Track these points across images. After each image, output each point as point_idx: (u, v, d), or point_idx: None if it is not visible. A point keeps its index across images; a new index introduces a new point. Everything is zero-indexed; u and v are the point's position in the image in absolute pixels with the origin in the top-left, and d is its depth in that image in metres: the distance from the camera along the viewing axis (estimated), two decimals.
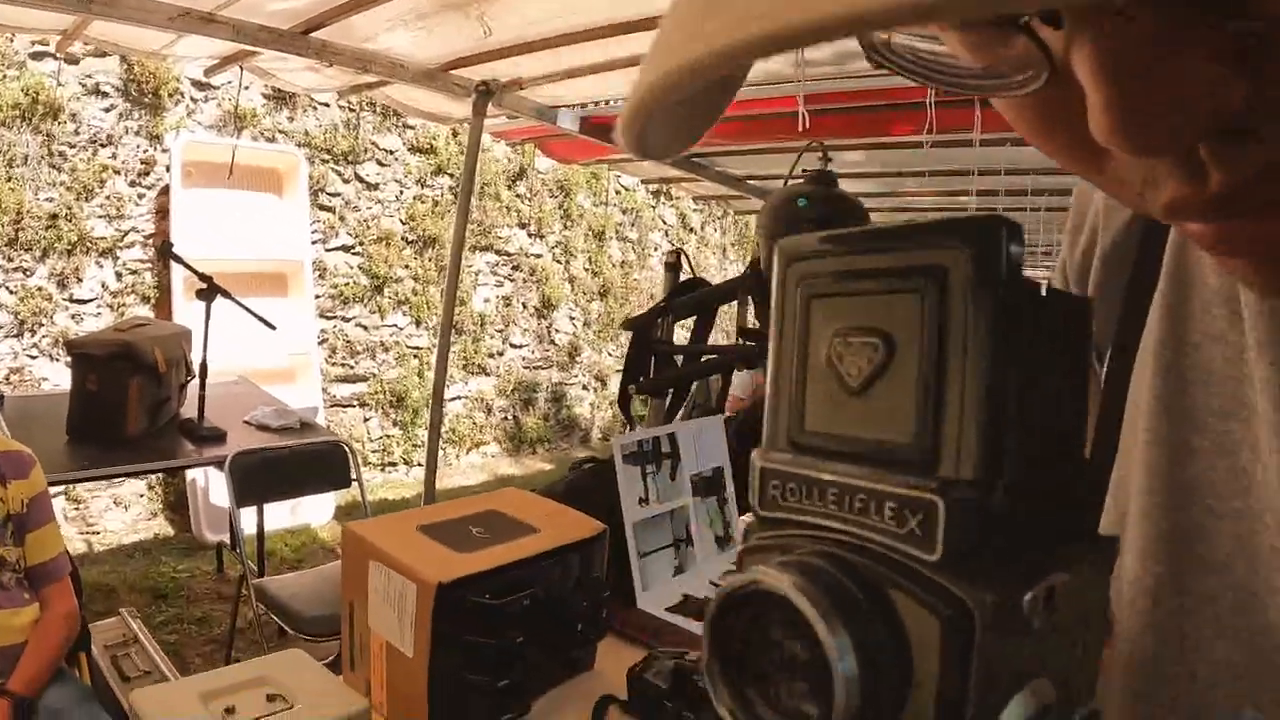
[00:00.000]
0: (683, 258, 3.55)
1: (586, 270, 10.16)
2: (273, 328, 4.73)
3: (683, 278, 3.49)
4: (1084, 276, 0.82)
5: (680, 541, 2.56)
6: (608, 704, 2.05)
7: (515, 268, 9.49)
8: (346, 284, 8.09)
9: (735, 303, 3.42)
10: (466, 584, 1.74)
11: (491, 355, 9.33)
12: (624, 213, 10.49)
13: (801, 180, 2.87)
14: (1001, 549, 0.34)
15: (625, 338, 3.40)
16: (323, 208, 7.90)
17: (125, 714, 2.63)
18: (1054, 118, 0.43)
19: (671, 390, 3.23)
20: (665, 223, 10.80)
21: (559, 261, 9.88)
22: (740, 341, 3.02)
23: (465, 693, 1.83)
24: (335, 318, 8.06)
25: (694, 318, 3.16)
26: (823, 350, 0.38)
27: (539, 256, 9.71)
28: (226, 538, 5.91)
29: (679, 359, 3.17)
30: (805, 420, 0.39)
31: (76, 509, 6.64)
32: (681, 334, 3.27)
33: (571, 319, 10.04)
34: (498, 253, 9.33)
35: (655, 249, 10.64)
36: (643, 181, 9.43)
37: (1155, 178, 0.42)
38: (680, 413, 3.22)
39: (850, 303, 0.37)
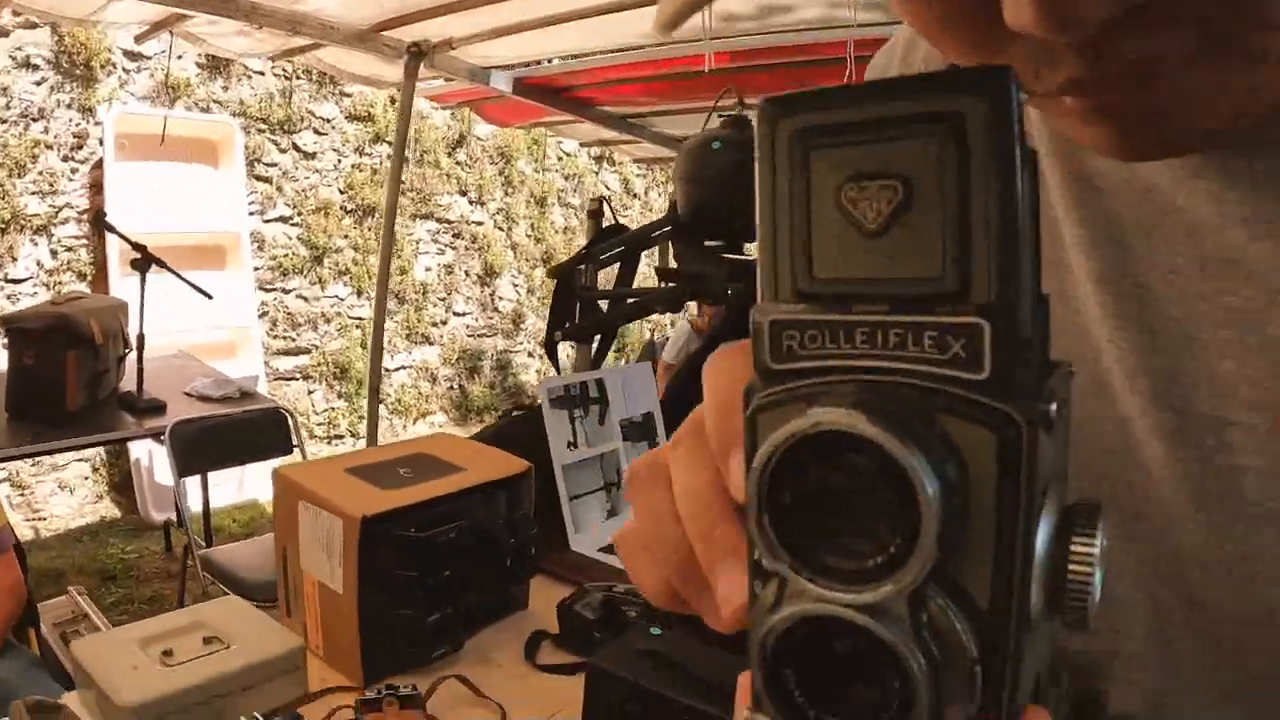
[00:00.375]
0: (605, 205, 3.65)
1: (529, 237, 10.20)
2: (209, 297, 4.78)
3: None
4: None
5: (611, 485, 2.66)
6: (540, 639, 2.16)
7: (457, 235, 9.53)
8: (285, 255, 8.11)
9: (657, 249, 3.51)
10: (391, 518, 1.84)
11: (435, 324, 9.37)
12: (566, 178, 10.52)
13: (718, 125, 2.98)
14: (1027, 367, 0.37)
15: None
16: (259, 178, 7.92)
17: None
18: (959, 14, 0.53)
19: (598, 336, 3.34)
20: (609, 188, 10.84)
21: (501, 229, 9.93)
22: (662, 284, 3.11)
23: (396, 629, 1.93)
24: (275, 290, 8.08)
25: (618, 264, 3.28)
26: (828, 199, 0.39)
27: (480, 224, 9.75)
28: (174, 516, 5.97)
29: (604, 304, 3.27)
30: (814, 268, 0.40)
31: (21, 495, 6.68)
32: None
33: (515, 286, 10.08)
34: (438, 220, 9.37)
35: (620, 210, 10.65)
36: (582, 145, 9.50)
37: (1054, 60, 0.51)
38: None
39: (860, 151, 0.38)
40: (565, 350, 4.10)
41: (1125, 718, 0.82)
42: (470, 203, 9.65)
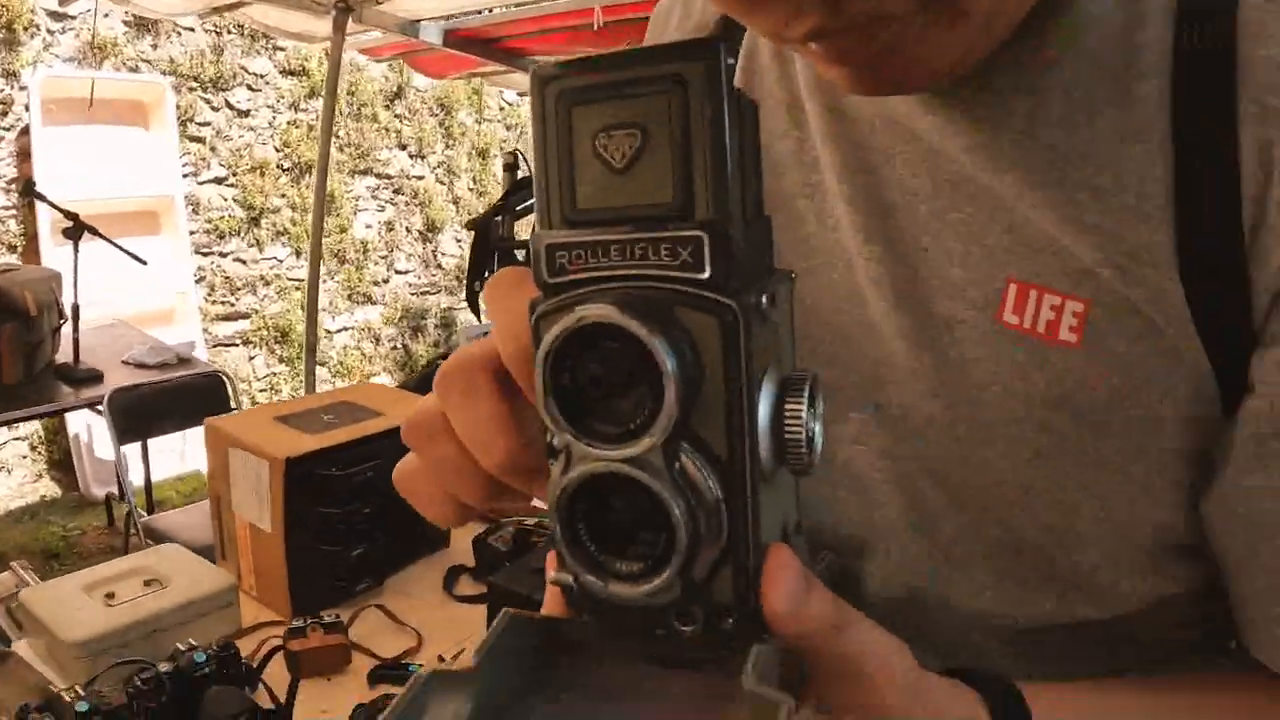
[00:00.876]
0: (519, 158, 3.83)
1: (471, 190, 10.22)
2: (143, 262, 4.89)
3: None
4: None
5: None
6: (458, 573, 2.39)
7: (397, 191, 9.54)
8: (221, 218, 8.11)
9: None
10: (314, 458, 2.07)
11: (376, 283, 9.38)
12: (508, 129, 10.49)
13: None
14: (741, 271, 0.47)
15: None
16: (193, 139, 7.90)
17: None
18: None
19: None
20: None
21: (442, 183, 9.96)
22: None
23: (321, 565, 2.15)
24: (212, 254, 8.09)
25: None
26: (586, 146, 0.48)
27: (421, 178, 9.77)
28: (115, 490, 6.04)
29: (520, 254, 3.45)
30: (577, 200, 0.49)
31: None
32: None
33: (458, 241, 10.08)
34: (378, 176, 9.37)
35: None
36: (521, 95, 9.51)
37: (801, 12, 0.64)
38: None
39: (609, 106, 0.48)
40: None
41: (885, 594, 0.94)
42: (410, 157, 9.66)
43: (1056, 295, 0.78)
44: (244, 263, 8.32)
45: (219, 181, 8.13)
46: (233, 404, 4.89)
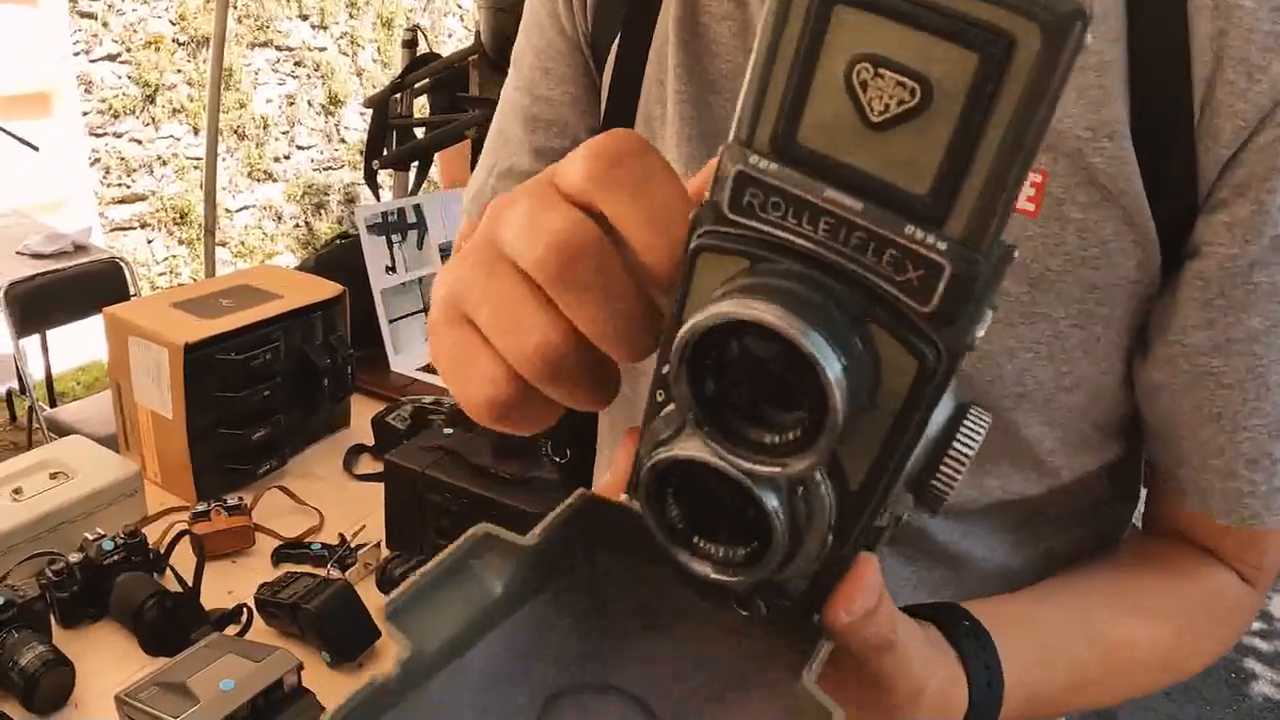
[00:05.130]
0: (419, 34, 3.89)
1: (376, 62, 10.05)
2: (35, 148, 4.90)
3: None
4: None
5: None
6: (359, 452, 2.51)
7: (298, 63, 9.37)
8: (115, 97, 7.97)
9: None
10: (212, 343, 2.19)
11: (277, 159, 9.26)
12: None
13: None
14: (967, 305, 0.39)
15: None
16: (83, 14, 7.70)
17: None
18: None
19: (416, 163, 3.61)
20: (461, 7, 10.70)
21: (345, 54, 9.77)
22: (471, 111, 3.36)
23: (223, 449, 2.26)
24: (106, 134, 7.97)
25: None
26: (838, 69, 0.38)
27: (323, 50, 9.58)
28: (15, 385, 6.05)
29: (419, 132, 3.53)
30: (799, 131, 0.39)
31: None
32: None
33: (362, 115, 9.78)
34: (278, 48, 9.18)
35: (450, 35, 10.53)
36: None
37: None
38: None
39: (891, 29, 0.36)
40: (385, 178, 4.35)
41: None
42: (312, 27, 9.45)
43: None
44: (140, 143, 8.19)
45: (112, 59, 7.94)
46: (132, 290, 4.91)
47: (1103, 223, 0.84)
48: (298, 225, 9.46)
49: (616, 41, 1.06)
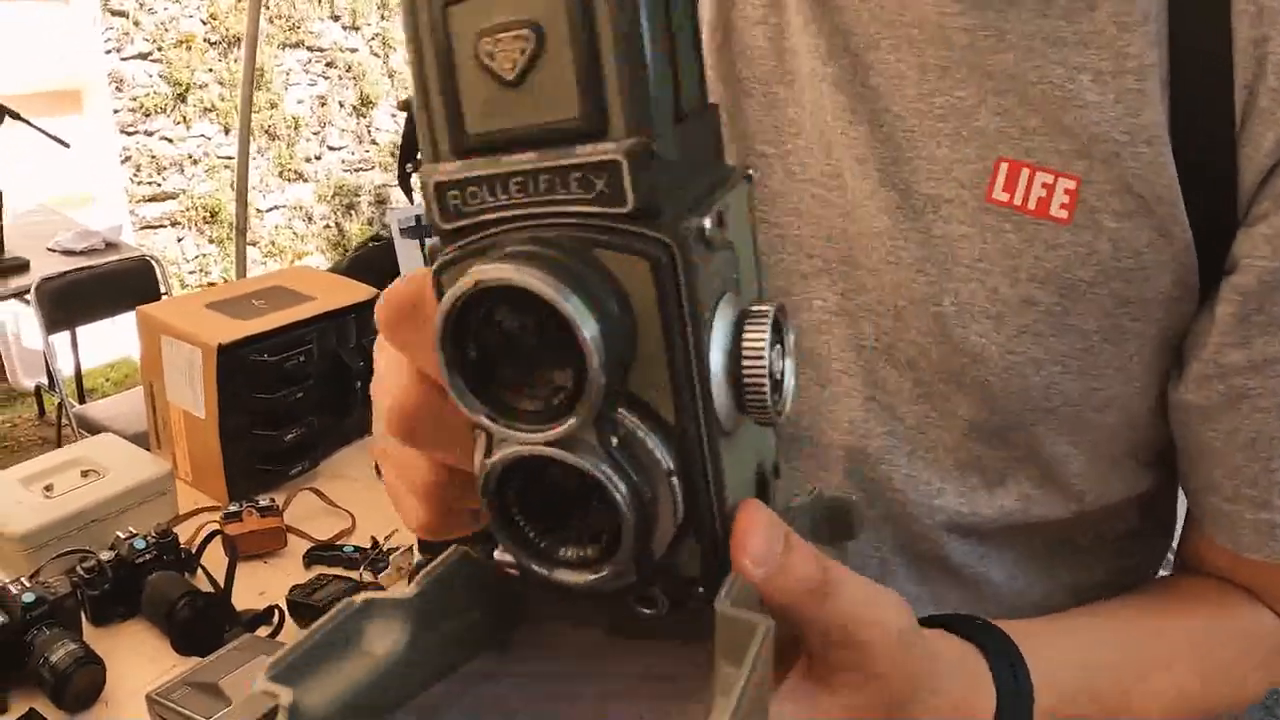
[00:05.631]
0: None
1: (408, 63, 9.85)
2: (66, 145, 4.90)
3: None
4: None
5: None
6: None
7: (330, 64, 9.38)
8: (147, 95, 8.01)
9: None
10: (245, 344, 2.19)
11: (308, 160, 9.26)
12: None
13: None
14: (676, 193, 0.41)
15: None
16: (115, 12, 7.75)
17: None
18: None
19: None
20: None
21: (377, 55, 9.78)
22: None
23: (255, 449, 2.26)
24: (137, 132, 8.00)
25: None
26: (469, 53, 0.41)
27: (355, 51, 9.59)
28: (45, 380, 6.08)
29: None
30: (465, 122, 0.42)
31: None
32: None
33: (393, 117, 9.88)
34: (310, 49, 9.20)
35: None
36: None
37: None
38: None
39: (491, 2, 0.40)
40: (418, 181, 4.31)
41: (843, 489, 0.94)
42: (344, 28, 9.46)
43: (1049, 173, 0.82)
44: (171, 141, 8.23)
45: (143, 57, 7.99)
46: (163, 288, 4.94)
47: (1138, 233, 0.82)
48: (328, 226, 9.46)
49: None
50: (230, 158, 8.29)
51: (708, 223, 0.42)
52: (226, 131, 8.48)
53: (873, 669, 0.54)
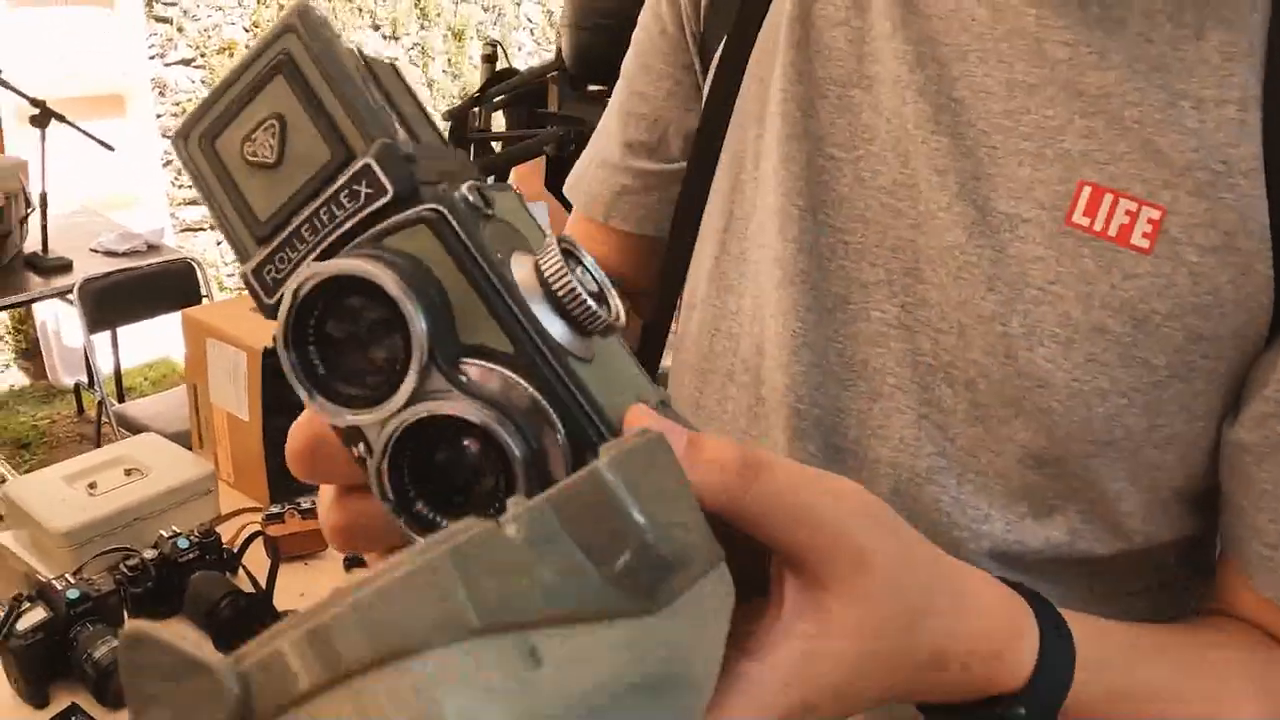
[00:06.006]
0: (499, 49, 3.92)
1: (446, 73, 10.05)
2: (110, 149, 4.90)
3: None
4: None
5: None
6: None
7: None
8: (189, 100, 7.99)
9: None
10: None
11: None
12: (486, 10, 10.30)
13: None
14: (430, 179, 0.47)
15: None
16: (159, 19, 7.79)
17: None
18: None
19: (492, 177, 3.61)
20: (530, 21, 10.73)
21: (415, 65, 9.78)
22: (549, 127, 3.39)
23: None
24: None
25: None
26: (239, 164, 0.49)
27: (395, 60, 9.45)
28: (84, 378, 6.11)
29: (497, 146, 3.55)
30: (256, 217, 0.49)
31: None
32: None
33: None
34: None
35: (519, 49, 10.54)
36: None
37: None
38: None
39: (239, 120, 0.49)
40: None
41: None
42: (384, 38, 9.48)
43: (1133, 200, 0.80)
44: None
45: (186, 63, 8.04)
46: (204, 291, 4.96)
47: (1220, 268, 0.79)
48: None
49: (724, 41, 1.04)
50: None
51: (466, 192, 0.47)
52: None
53: (854, 546, 0.52)
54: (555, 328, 0.47)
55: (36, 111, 4.75)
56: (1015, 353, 0.85)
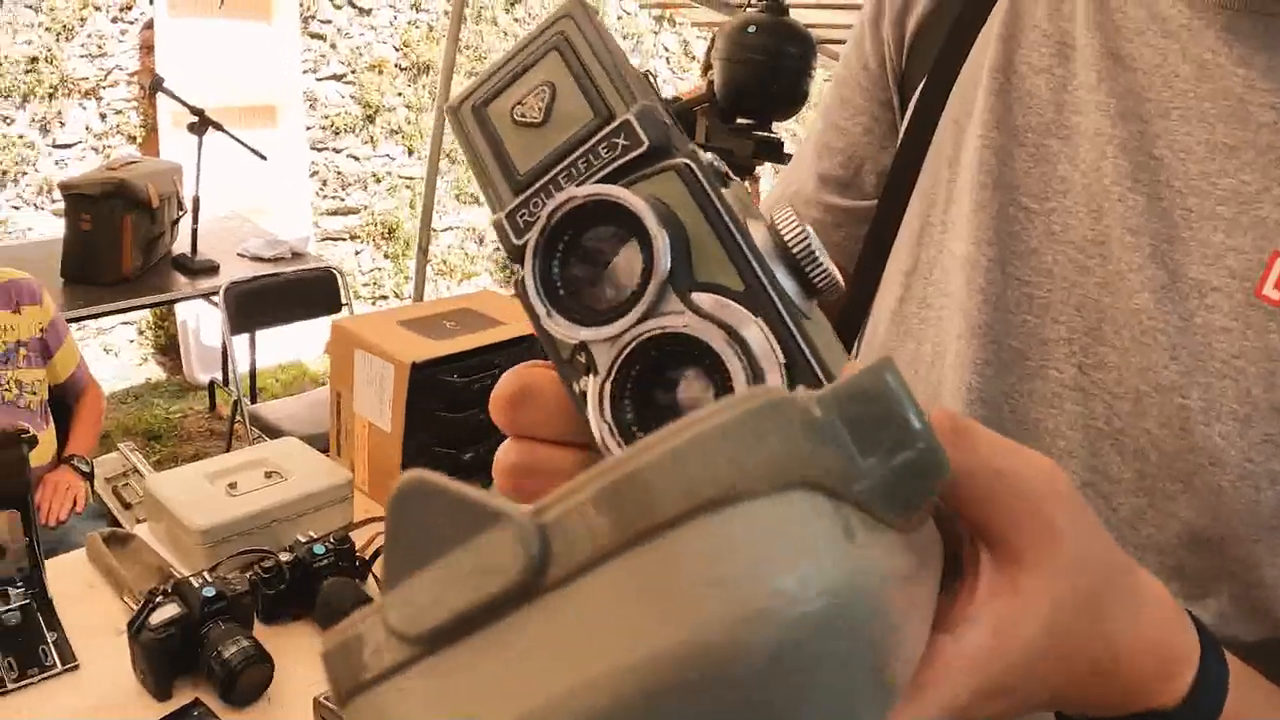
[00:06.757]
0: (649, 78, 3.92)
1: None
2: (263, 158, 5.05)
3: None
4: (904, 11, 1.04)
5: None
6: None
7: None
8: (338, 114, 8.19)
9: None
10: (437, 364, 2.21)
11: None
12: (624, 38, 10.37)
13: (755, 7, 3.26)
14: (677, 143, 0.50)
15: None
16: (314, 35, 7.96)
17: None
18: None
19: None
20: (667, 50, 10.72)
21: None
22: None
23: (435, 465, 2.29)
24: (326, 149, 8.18)
25: None
26: (507, 124, 0.52)
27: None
28: (218, 376, 6.25)
29: None
30: (515, 168, 0.52)
31: None
32: None
33: None
34: None
35: (655, 77, 10.39)
36: (641, 6, 9.50)
37: None
38: None
39: (514, 89, 0.52)
40: None
41: None
42: None
43: None
44: (357, 159, 8.40)
45: (337, 79, 8.19)
46: (343, 299, 5.05)
47: None
48: (497, 249, 9.48)
49: (923, 81, 1.01)
50: (411, 178, 8.58)
51: (712, 158, 0.50)
52: (410, 153, 8.67)
53: (1047, 519, 0.48)
54: (786, 283, 0.49)
55: (194, 119, 4.87)
56: (1191, 426, 0.80)
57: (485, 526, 0.34)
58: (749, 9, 3.33)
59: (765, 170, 4.09)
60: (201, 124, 4.85)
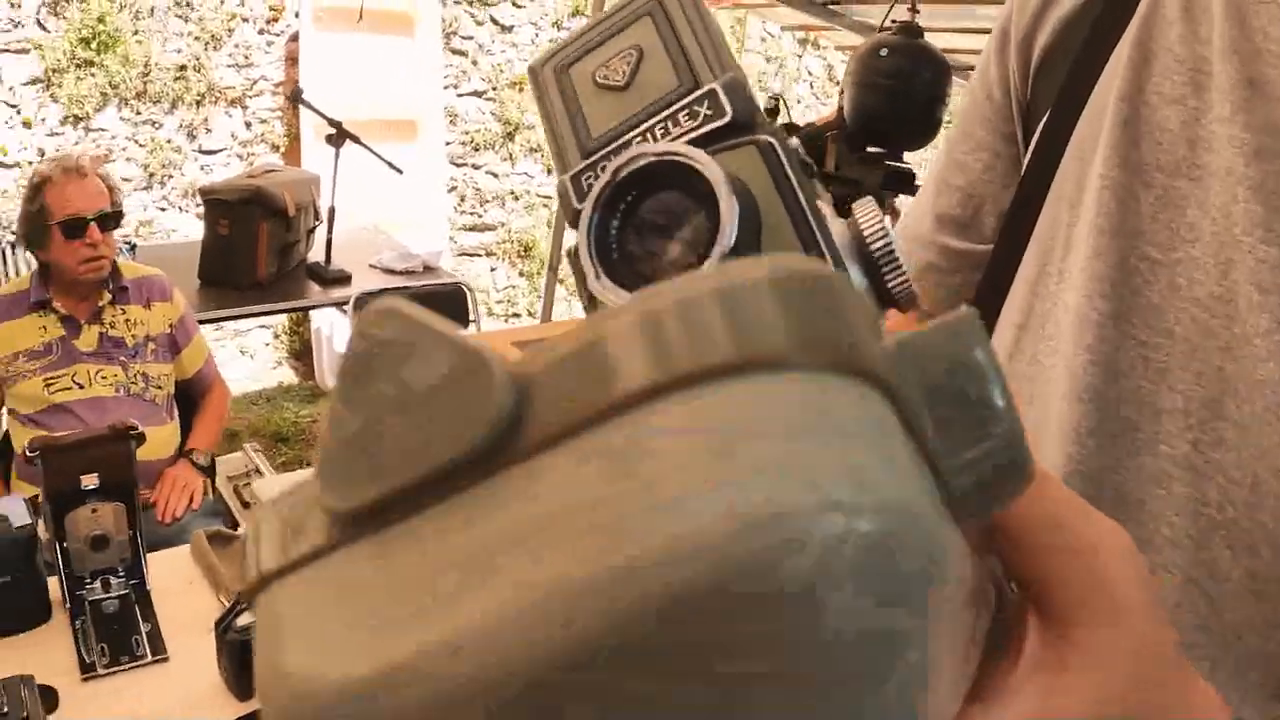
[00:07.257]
0: (780, 102, 3.86)
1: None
2: (399, 171, 5.07)
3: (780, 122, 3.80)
4: (1030, 37, 0.95)
5: None
6: None
7: None
8: (478, 130, 8.26)
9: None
10: None
11: None
12: (768, 61, 10.33)
13: (890, 31, 3.17)
14: (761, 121, 0.48)
15: None
16: (455, 52, 8.05)
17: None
18: None
19: None
20: (810, 74, 10.62)
21: None
22: (827, 187, 3.33)
23: None
24: (465, 165, 8.25)
25: None
26: (588, 85, 0.50)
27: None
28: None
29: None
30: (590, 131, 0.50)
31: None
32: None
33: None
34: None
35: (798, 102, 10.41)
36: (784, 28, 9.47)
37: None
38: None
39: (600, 51, 0.51)
40: None
41: None
42: None
43: None
44: (495, 176, 8.46)
45: (478, 95, 8.26)
46: (471, 316, 5.07)
47: None
48: None
49: (1047, 113, 0.91)
50: (549, 197, 8.60)
51: (796, 143, 0.47)
52: (548, 172, 8.68)
53: (1108, 590, 0.39)
54: (859, 285, 0.46)
55: (333, 131, 4.93)
56: None
57: (458, 378, 0.27)
58: (884, 32, 3.26)
59: (904, 204, 4.01)
60: (339, 136, 4.91)
